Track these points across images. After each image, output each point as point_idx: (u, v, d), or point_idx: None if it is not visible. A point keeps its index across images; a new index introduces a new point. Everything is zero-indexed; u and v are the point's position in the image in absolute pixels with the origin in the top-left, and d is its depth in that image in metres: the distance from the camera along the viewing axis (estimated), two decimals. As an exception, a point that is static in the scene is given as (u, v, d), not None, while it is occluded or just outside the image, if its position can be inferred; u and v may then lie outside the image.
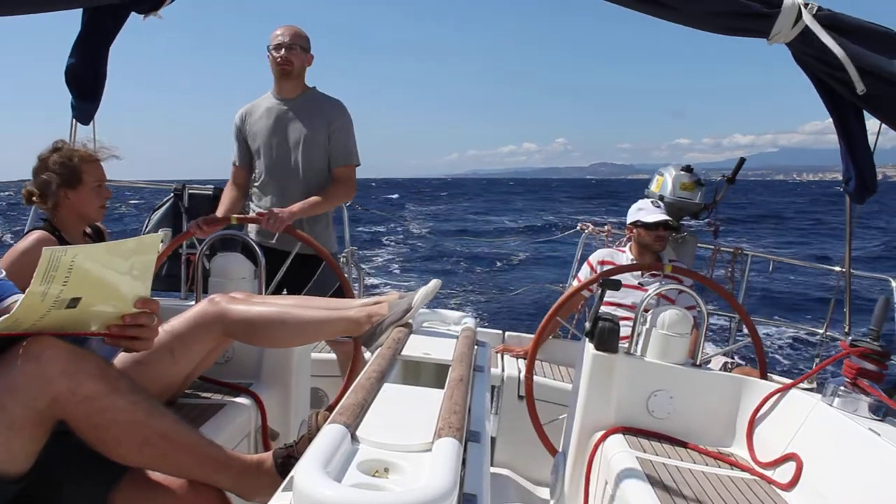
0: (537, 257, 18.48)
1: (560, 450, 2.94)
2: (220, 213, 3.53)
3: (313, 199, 3.42)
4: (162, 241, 4.02)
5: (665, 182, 4.46)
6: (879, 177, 2.93)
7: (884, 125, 2.69)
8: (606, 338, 2.67)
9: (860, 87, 2.36)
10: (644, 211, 3.83)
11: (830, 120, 2.75)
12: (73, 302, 1.45)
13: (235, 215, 3.40)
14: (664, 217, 3.78)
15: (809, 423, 2.36)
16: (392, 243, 24.54)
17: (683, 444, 2.58)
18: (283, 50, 3.42)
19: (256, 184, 3.63)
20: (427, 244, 23.13)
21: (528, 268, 17.10)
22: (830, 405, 2.32)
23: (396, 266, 19.36)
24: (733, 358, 4.41)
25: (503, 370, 3.78)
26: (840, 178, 2.96)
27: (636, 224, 3.83)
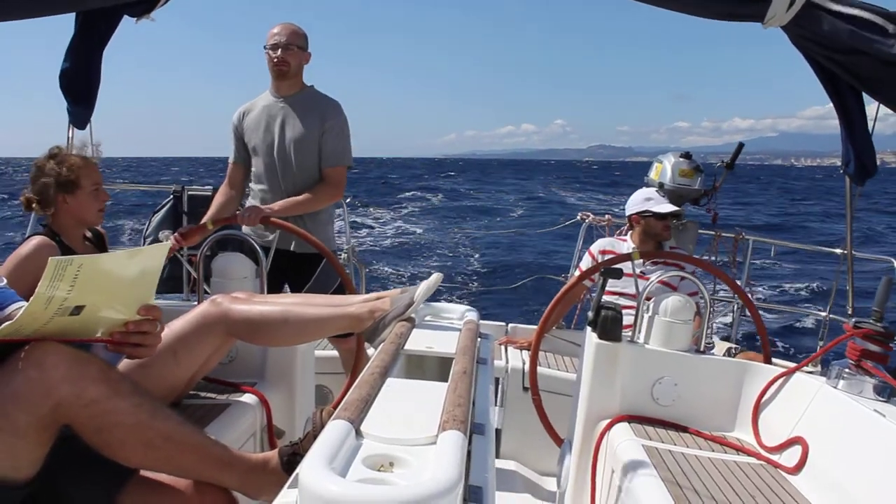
0: (538, 248, 18.49)
1: (566, 440, 2.94)
2: (209, 215, 3.54)
3: (297, 198, 3.42)
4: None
5: (664, 169, 4.46)
6: (877, 162, 2.92)
7: (883, 107, 2.69)
8: (609, 326, 2.67)
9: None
10: (653, 201, 3.81)
11: (831, 105, 2.74)
12: (77, 309, 1.44)
13: (212, 219, 3.40)
14: (674, 208, 3.79)
15: (814, 407, 2.36)
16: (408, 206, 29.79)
17: (689, 431, 2.58)
18: (280, 49, 3.42)
19: (252, 182, 3.64)
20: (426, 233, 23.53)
21: (530, 259, 17.09)
22: (835, 387, 2.32)
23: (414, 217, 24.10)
24: (737, 343, 4.41)
25: (507, 362, 3.78)
26: (838, 163, 2.95)
27: (645, 214, 3.81)
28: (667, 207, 3.77)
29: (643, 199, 3.83)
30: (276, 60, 3.44)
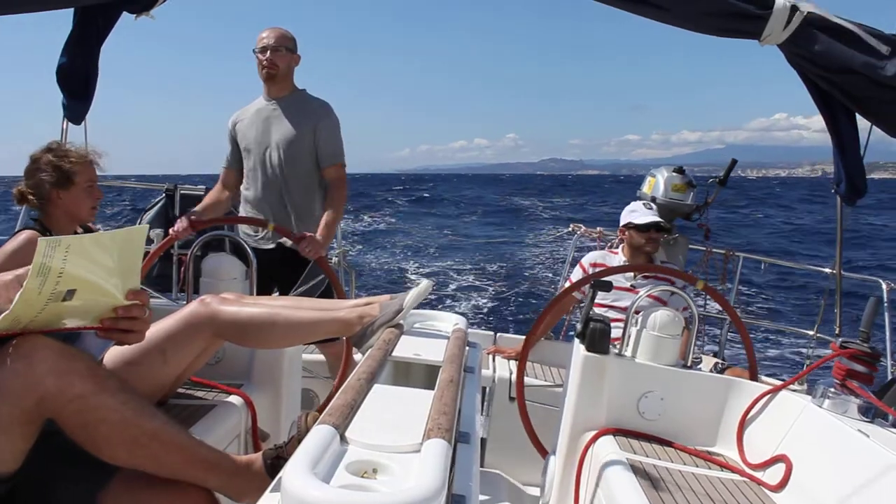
0: (530, 258, 18.55)
1: (550, 451, 2.94)
2: (203, 207, 3.60)
3: (328, 218, 3.44)
4: (151, 240, 4.02)
5: (657, 183, 4.48)
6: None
7: (874, 128, 2.71)
8: (597, 339, 2.67)
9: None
10: (636, 213, 3.83)
11: (776, 116, 2.78)
12: (70, 294, 1.44)
13: (272, 224, 3.45)
14: (655, 218, 3.77)
15: (799, 425, 2.36)
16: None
17: (673, 446, 2.59)
18: (269, 52, 3.48)
19: (243, 183, 3.67)
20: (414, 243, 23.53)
21: (521, 269, 17.14)
22: (820, 407, 2.33)
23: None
24: (724, 359, 4.42)
25: (494, 371, 3.79)
26: (782, 174, 2.97)
27: (628, 226, 3.83)
28: (646, 218, 3.77)
29: (628, 212, 3.86)
30: (265, 63, 3.50)
